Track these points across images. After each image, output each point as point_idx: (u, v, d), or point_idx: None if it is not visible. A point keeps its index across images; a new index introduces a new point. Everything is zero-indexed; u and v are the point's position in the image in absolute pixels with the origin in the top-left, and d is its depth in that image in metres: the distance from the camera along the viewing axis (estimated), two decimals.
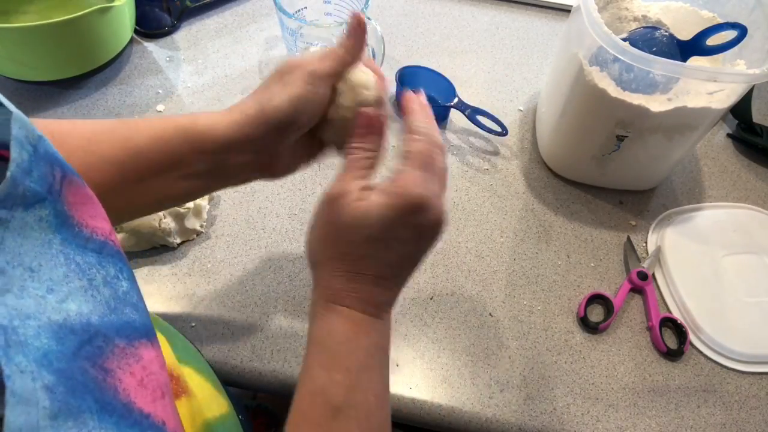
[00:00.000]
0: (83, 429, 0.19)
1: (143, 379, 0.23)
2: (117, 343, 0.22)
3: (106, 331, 0.22)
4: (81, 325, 0.21)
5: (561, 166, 0.68)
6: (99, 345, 0.21)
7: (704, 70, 0.52)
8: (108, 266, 0.24)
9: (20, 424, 0.17)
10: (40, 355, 0.19)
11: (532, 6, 0.88)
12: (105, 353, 0.21)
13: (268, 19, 0.81)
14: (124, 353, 0.23)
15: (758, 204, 0.69)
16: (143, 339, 0.24)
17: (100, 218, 0.25)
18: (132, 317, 0.24)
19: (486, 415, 0.52)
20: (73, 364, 0.20)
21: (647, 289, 0.59)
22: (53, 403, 0.18)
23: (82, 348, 0.20)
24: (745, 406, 0.54)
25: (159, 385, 0.24)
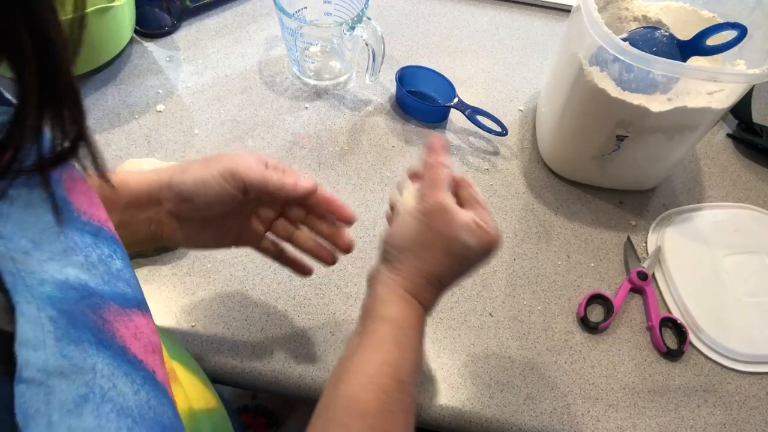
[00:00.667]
0: (83, 353, 0.21)
1: (136, 334, 0.25)
2: (112, 305, 0.25)
3: (102, 294, 0.24)
4: (80, 285, 0.23)
5: (561, 166, 0.68)
6: (96, 302, 0.24)
7: (704, 70, 0.52)
8: (103, 247, 0.26)
9: (29, 337, 0.20)
10: (44, 297, 0.21)
11: (532, 6, 0.88)
12: (102, 308, 0.24)
13: (268, 19, 0.81)
14: (119, 312, 0.25)
15: (758, 204, 0.69)
16: (134, 308, 0.26)
17: (97, 207, 0.27)
18: (124, 290, 0.26)
19: (486, 415, 0.52)
20: (74, 307, 0.22)
21: (647, 289, 0.59)
22: (57, 329, 0.21)
23: (82, 300, 0.23)
24: (745, 406, 0.54)
25: (150, 343, 0.26)
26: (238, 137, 0.68)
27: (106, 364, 0.22)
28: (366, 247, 0.61)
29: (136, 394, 0.23)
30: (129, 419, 0.22)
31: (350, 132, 0.71)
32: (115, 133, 0.67)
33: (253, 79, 0.74)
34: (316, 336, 0.54)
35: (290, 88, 0.74)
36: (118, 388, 0.22)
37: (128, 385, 0.23)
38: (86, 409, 0.20)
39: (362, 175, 0.67)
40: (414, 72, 0.74)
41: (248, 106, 0.72)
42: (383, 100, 0.74)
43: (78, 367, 0.21)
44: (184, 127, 0.69)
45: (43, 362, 0.20)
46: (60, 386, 0.20)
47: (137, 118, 0.69)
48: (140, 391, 0.23)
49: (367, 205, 0.64)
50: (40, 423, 0.19)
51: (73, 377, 0.20)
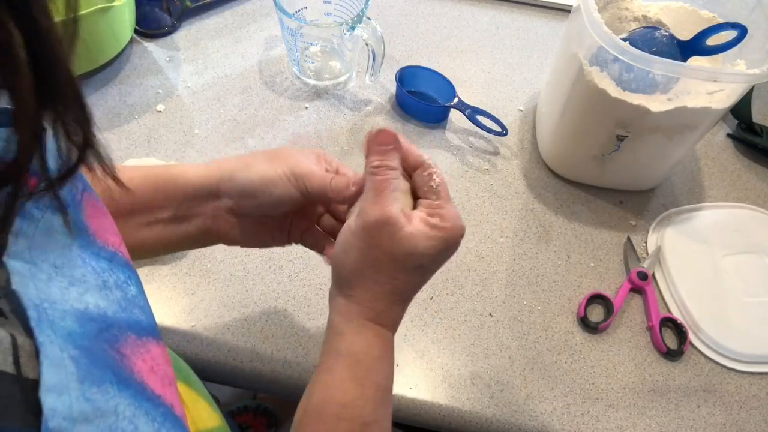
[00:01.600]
0: (106, 395, 0.21)
1: (153, 367, 0.25)
2: (129, 335, 0.24)
3: (119, 324, 0.24)
4: (99, 315, 0.23)
5: (561, 166, 0.68)
6: (114, 333, 0.23)
7: (704, 70, 0.52)
8: (118, 272, 0.26)
9: (54, 382, 0.19)
10: (66, 333, 0.21)
11: (532, 6, 0.88)
12: (120, 340, 0.23)
13: (268, 19, 0.81)
14: (136, 344, 0.25)
15: (758, 204, 0.69)
16: (150, 337, 0.26)
17: (111, 232, 0.27)
18: (140, 318, 0.26)
19: (486, 415, 0.52)
20: (93, 343, 0.22)
21: (647, 289, 0.59)
22: (79, 370, 0.20)
23: (100, 333, 0.22)
24: (745, 406, 0.54)
25: (167, 375, 0.26)
26: (238, 137, 0.68)
27: (128, 405, 0.21)
28: None
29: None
30: None
31: (350, 132, 0.71)
32: (115, 133, 0.67)
33: (253, 79, 0.74)
34: (316, 336, 0.54)
35: (290, 88, 0.74)
36: (139, 430, 0.21)
37: (149, 425, 0.22)
38: None
39: None
40: (414, 72, 0.74)
41: (248, 106, 0.72)
42: (383, 100, 0.74)
43: (101, 410, 0.20)
44: (184, 127, 0.69)
45: (68, 408, 0.19)
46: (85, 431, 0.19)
47: (137, 118, 0.69)
48: (161, 430, 0.23)
49: None
50: None
51: (96, 422, 0.20)
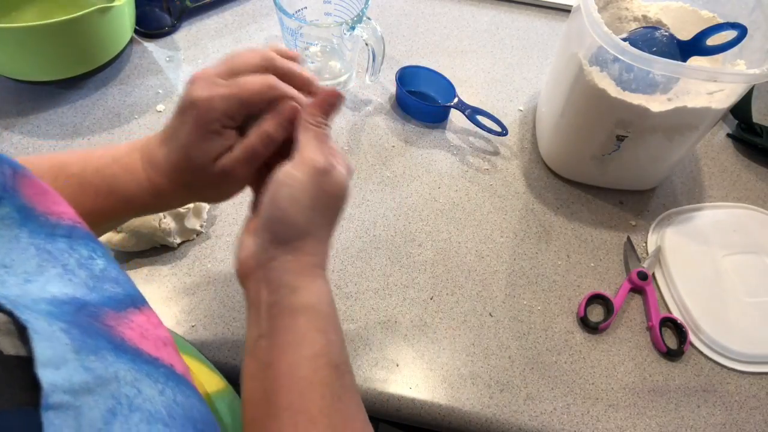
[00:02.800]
0: (104, 362, 0.20)
1: (143, 333, 0.24)
2: (107, 310, 0.23)
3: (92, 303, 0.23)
4: (69, 299, 0.22)
5: (561, 166, 0.68)
6: (92, 310, 0.22)
7: (704, 70, 0.52)
8: (80, 248, 0.25)
9: (49, 356, 0.18)
10: (44, 313, 0.20)
11: (532, 6, 0.88)
12: (101, 315, 0.22)
13: (268, 19, 0.81)
14: (117, 317, 0.23)
15: (758, 204, 0.69)
16: (130, 308, 0.25)
17: (62, 204, 0.25)
18: (113, 291, 0.25)
19: (486, 415, 0.52)
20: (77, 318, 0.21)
21: (647, 289, 0.59)
22: (73, 341, 0.19)
23: (79, 311, 0.21)
24: (745, 406, 0.54)
25: (159, 338, 0.25)
26: None
27: (128, 370, 0.21)
28: (366, 247, 0.61)
29: (162, 394, 0.22)
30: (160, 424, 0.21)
31: (350, 132, 0.71)
32: (115, 133, 0.67)
33: None
34: None
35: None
36: (143, 393, 0.21)
37: (152, 387, 0.21)
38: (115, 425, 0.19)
39: (362, 175, 0.67)
40: (414, 72, 0.74)
41: None
42: (383, 100, 0.74)
43: (102, 378, 0.19)
44: None
45: (68, 381, 0.18)
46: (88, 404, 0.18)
47: (137, 118, 0.69)
48: (165, 390, 0.22)
49: (367, 205, 0.64)
50: None
51: (98, 390, 0.19)
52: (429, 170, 0.68)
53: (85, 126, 0.68)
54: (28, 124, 0.67)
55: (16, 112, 0.68)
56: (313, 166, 0.35)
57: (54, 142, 0.66)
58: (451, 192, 0.66)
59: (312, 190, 0.35)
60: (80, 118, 0.69)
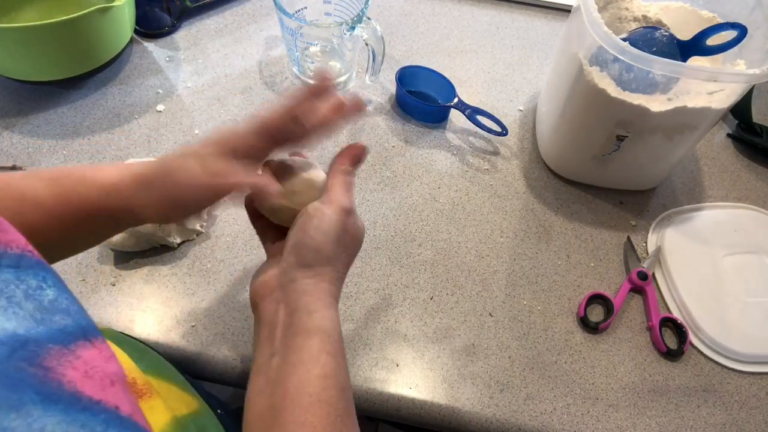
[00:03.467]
0: (28, 419, 0.19)
1: (87, 371, 0.23)
2: (51, 347, 0.22)
3: (36, 339, 0.22)
4: (7, 337, 0.21)
5: (561, 166, 0.68)
6: (32, 350, 0.21)
7: (704, 70, 0.52)
8: (28, 279, 0.24)
9: None
10: None
11: (532, 6, 0.88)
12: (41, 355, 0.21)
13: (268, 19, 0.81)
14: (62, 353, 0.22)
15: (758, 204, 0.69)
16: (80, 341, 0.24)
17: (11, 232, 0.25)
18: (63, 323, 0.24)
19: (486, 415, 0.52)
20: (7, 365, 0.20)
21: (647, 289, 0.59)
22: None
23: (13, 354, 0.21)
24: (745, 406, 0.54)
25: (106, 375, 0.24)
26: None
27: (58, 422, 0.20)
28: (366, 246, 0.61)
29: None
30: None
31: (350, 132, 0.71)
32: (115, 133, 0.67)
33: (253, 79, 0.74)
34: None
35: (290, 88, 0.74)
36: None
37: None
38: None
39: (362, 175, 0.67)
40: (414, 72, 0.74)
41: (248, 106, 0.72)
42: (383, 100, 0.74)
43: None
44: (184, 127, 0.69)
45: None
46: None
47: (137, 118, 0.69)
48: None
49: (367, 205, 0.64)
50: None
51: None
52: (429, 170, 0.68)
53: (85, 126, 0.68)
54: (28, 124, 0.67)
55: (16, 112, 0.68)
56: (340, 206, 0.40)
57: (54, 142, 0.66)
58: (451, 192, 0.66)
59: (337, 226, 0.39)
60: (80, 118, 0.69)
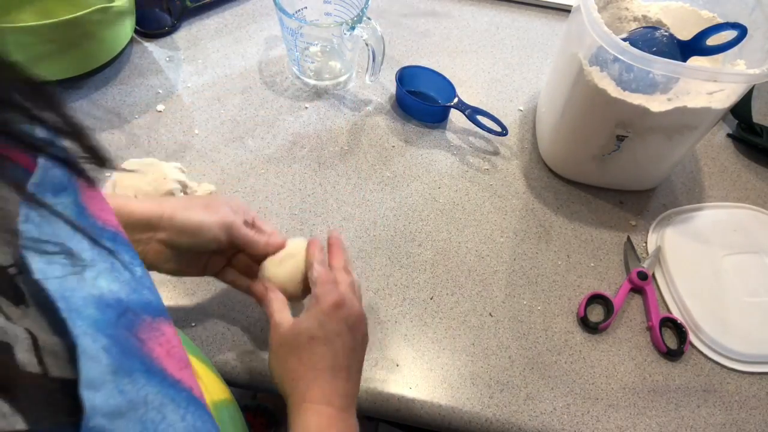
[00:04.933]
0: (136, 386, 0.21)
1: (169, 351, 0.25)
2: (144, 318, 0.24)
3: (133, 306, 0.24)
4: (114, 300, 0.23)
5: (561, 166, 0.68)
6: (131, 318, 0.23)
7: (704, 70, 0.52)
8: (123, 254, 0.26)
9: (92, 377, 0.19)
10: (91, 322, 0.21)
11: (532, 6, 0.88)
12: (136, 325, 0.24)
13: (268, 19, 0.81)
14: (151, 327, 0.24)
15: (758, 204, 0.69)
16: (161, 317, 0.26)
17: (108, 212, 0.27)
18: (149, 298, 0.26)
19: (486, 415, 0.52)
20: (117, 331, 0.22)
21: (647, 289, 0.59)
22: (111, 361, 0.20)
23: (119, 319, 0.23)
24: (745, 406, 0.54)
25: (182, 358, 0.26)
26: (238, 137, 0.68)
27: (156, 393, 0.22)
28: (366, 246, 0.61)
29: (183, 419, 0.23)
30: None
31: (350, 132, 0.71)
32: (115, 133, 0.67)
33: (253, 79, 0.74)
34: None
35: (290, 88, 0.74)
36: (167, 419, 0.22)
37: (175, 412, 0.22)
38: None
39: (362, 175, 0.67)
40: (414, 72, 0.74)
41: (248, 106, 0.72)
42: (383, 100, 0.74)
43: (133, 402, 0.20)
44: (184, 127, 0.69)
45: (105, 403, 0.19)
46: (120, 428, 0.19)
47: (137, 118, 0.69)
48: (186, 416, 0.23)
49: (367, 205, 0.64)
50: None
51: (129, 415, 0.20)
52: (429, 170, 0.68)
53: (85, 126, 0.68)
54: None
55: None
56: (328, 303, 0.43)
57: None
58: (451, 192, 0.66)
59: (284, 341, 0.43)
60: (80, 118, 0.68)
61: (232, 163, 0.66)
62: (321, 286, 0.44)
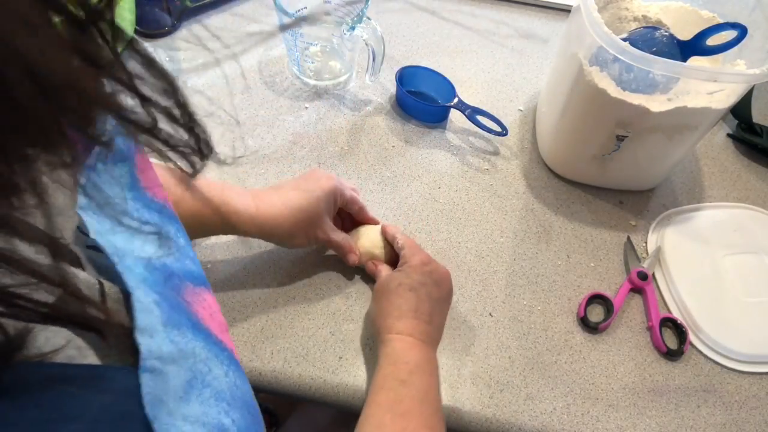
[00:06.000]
0: (185, 338, 0.22)
1: (212, 314, 0.26)
2: (187, 284, 0.26)
3: (178, 273, 0.25)
4: (161, 264, 0.24)
5: (561, 166, 0.68)
6: (176, 282, 0.25)
7: (704, 70, 0.52)
8: (167, 225, 0.27)
9: (144, 325, 0.21)
10: (141, 279, 0.22)
11: (532, 6, 0.88)
12: (182, 289, 0.25)
13: (268, 19, 0.81)
14: (194, 292, 0.26)
15: (758, 204, 0.69)
16: (203, 286, 0.27)
17: (158, 186, 0.28)
18: (192, 268, 0.27)
19: (486, 415, 0.52)
20: (164, 289, 0.23)
21: (647, 289, 0.59)
22: (162, 313, 0.22)
23: (166, 281, 0.24)
24: (745, 406, 0.54)
25: (222, 323, 0.27)
26: (238, 137, 0.68)
27: (202, 348, 0.23)
28: None
29: (226, 375, 0.24)
30: (224, 403, 0.23)
31: (350, 132, 0.71)
32: None
33: (253, 79, 0.74)
34: (316, 336, 0.54)
35: (290, 88, 0.74)
36: (213, 372, 0.23)
37: (219, 368, 0.24)
38: (192, 396, 0.21)
39: (362, 175, 0.67)
40: (414, 72, 0.74)
41: (248, 106, 0.72)
42: (383, 100, 0.74)
43: (183, 351, 0.22)
44: None
45: (158, 349, 0.21)
46: (173, 372, 0.21)
47: None
48: (228, 373, 0.24)
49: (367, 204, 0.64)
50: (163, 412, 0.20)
51: (180, 362, 0.21)
52: (429, 170, 0.68)
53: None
54: None
55: None
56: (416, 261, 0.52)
57: None
58: (451, 192, 0.66)
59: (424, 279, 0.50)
60: None
61: (232, 163, 0.66)
62: (408, 249, 0.54)
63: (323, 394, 0.52)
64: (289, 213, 0.51)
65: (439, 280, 0.51)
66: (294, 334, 0.54)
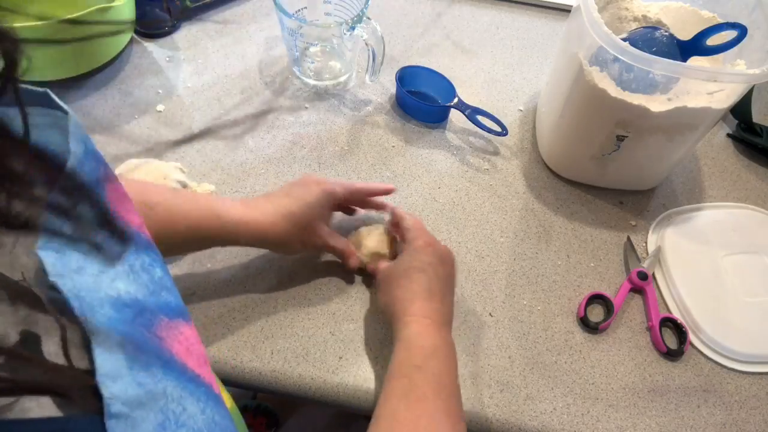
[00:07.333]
0: (154, 378, 0.21)
1: (188, 348, 0.25)
2: (161, 318, 0.25)
3: (150, 307, 0.24)
4: (131, 300, 0.23)
5: (561, 166, 0.68)
6: (148, 318, 0.24)
7: (704, 70, 0.52)
8: (142, 255, 0.26)
9: (107, 370, 0.20)
10: (106, 319, 0.21)
11: (532, 6, 0.88)
12: (154, 324, 0.24)
13: (268, 19, 0.81)
14: (169, 326, 0.25)
15: (758, 204, 0.69)
16: (180, 319, 0.26)
17: (132, 213, 0.27)
18: (168, 299, 0.26)
19: (486, 415, 0.52)
20: (132, 328, 0.22)
21: (647, 289, 0.59)
22: (127, 355, 0.21)
23: (136, 318, 0.23)
24: (745, 406, 0.54)
25: (201, 355, 0.26)
26: (238, 137, 0.68)
27: (174, 386, 0.22)
28: None
29: (203, 413, 0.23)
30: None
31: (350, 132, 0.71)
32: (116, 133, 0.67)
33: (253, 79, 0.74)
34: (316, 336, 0.54)
35: (290, 88, 0.74)
36: (188, 411, 0.22)
37: (195, 405, 0.23)
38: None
39: (362, 175, 0.67)
40: (414, 72, 0.74)
41: (248, 106, 0.72)
42: (383, 100, 0.74)
43: (152, 393, 0.21)
44: (184, 127, 0.69)
45: (124, 393, 0.20)
46: (141, 416, 0.20)
47: (137, 118, 0.69)
48: (206, 409, 0.23)
49: None
50: None
51: (149, 405, 0.21)
52: (429, 170, 0.68)
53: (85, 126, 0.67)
54: None
55: None
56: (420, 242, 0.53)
57: None
58: (451, 192, 0.66)
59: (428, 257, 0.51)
60: (80, 118, 0.68)
61: (232, 163, 0.66)
62: (413, 231, 0.54)
63: (323, 394, 0.52)
64: (281, 219, 0.51)
65: (443, 258, 0.52)
66: (294, 334, 0.54)
